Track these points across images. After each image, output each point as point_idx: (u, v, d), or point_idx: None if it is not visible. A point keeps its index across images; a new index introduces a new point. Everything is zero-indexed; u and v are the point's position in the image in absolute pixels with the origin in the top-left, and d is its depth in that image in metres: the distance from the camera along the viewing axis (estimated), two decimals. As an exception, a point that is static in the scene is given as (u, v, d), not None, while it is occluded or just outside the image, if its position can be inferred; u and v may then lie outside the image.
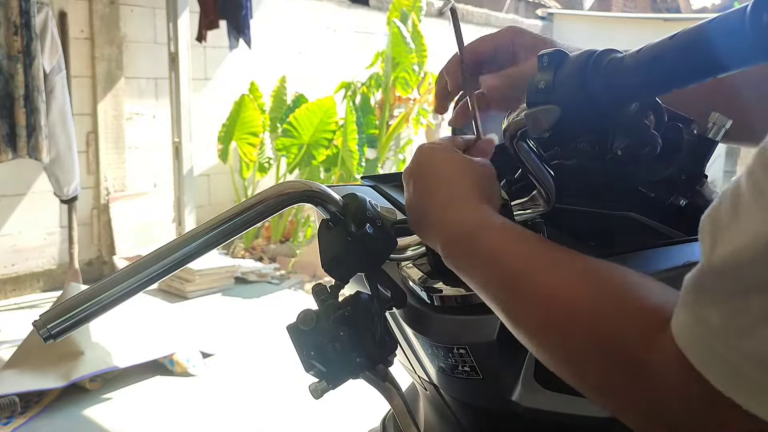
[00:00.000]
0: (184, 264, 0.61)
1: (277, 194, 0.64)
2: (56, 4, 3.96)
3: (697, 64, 0.48)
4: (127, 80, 4.43)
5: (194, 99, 4.60)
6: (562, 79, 0.56)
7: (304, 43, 5.55)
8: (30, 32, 2.99)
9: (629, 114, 0.57)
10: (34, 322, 0.58)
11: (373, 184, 0.85)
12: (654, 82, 0.51)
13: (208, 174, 5.08)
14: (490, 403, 0.67)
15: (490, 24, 7.89)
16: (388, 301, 0.67)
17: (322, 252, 0.66)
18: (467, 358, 0.65)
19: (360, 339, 0.65)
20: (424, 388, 0.77)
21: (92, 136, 4.28)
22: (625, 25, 8.37)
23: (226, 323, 3.66)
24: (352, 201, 0.65)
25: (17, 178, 3.92)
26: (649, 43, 0.52)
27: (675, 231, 0.75)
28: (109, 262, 4.34)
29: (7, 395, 2.56)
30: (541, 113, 0.57)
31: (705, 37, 0.47)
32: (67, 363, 2.69)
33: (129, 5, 4.40)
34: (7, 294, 4.01)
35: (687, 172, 0.63)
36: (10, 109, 2.98)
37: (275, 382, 2.91)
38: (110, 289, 0.59)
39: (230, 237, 0.63)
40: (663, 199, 0.63)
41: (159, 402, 2.76)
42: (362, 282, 0.67)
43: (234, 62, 4.94)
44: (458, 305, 0.66)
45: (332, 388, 0.66)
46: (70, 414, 2.62)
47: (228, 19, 4.35)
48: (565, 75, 0.56)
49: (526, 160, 0.62)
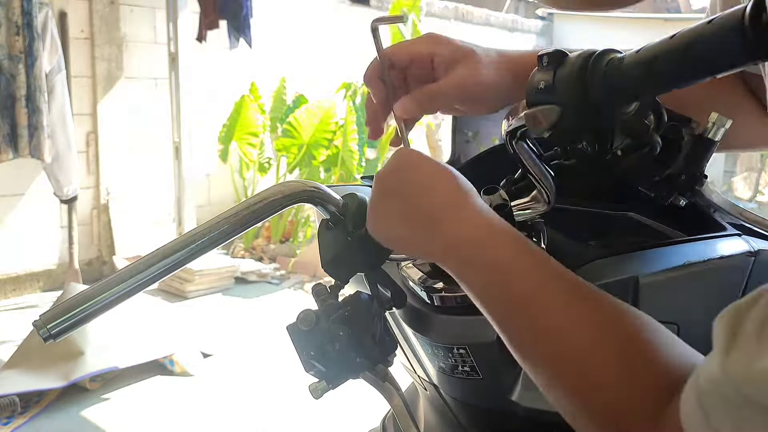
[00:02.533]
0: (184, 264, 0.61)
1: (277, 194, 0.64)
2: (56, 4, 3.96)
3: (697, 64, 0.48)
4: (127, 80, 4.43)
5: (194, 99, 4.60)
6: (561, 79, 0.56)
7: (304, 43, 5.54)
8: (32, 32, 2.99)
9: (629, 114, 0.57)
10: (34, 322, 0.58)
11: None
12: (654, 82, 0.51)
13: (208, 174, 5.08)
14: (490, 403, 0.67)
15: (490, 24, 7.89)
16: (388, 301, 0.67)
17: (322, 252, 0.66)
18: (467, 358, 0.65)
19: (360, 339, 0.65)
20: (424, 388, 0.77)
21: (92, 136, 4.28)
22: (625, 25, 8.37)
23: (226, 323, 3.66)
24: (352, 201, 0.65)
25: (17, 178, 3.91)
26: (649, 43, 0.52)
27: (675, 231, 0.75)
28: (109, 262, 4.34)
29: (7, 395, 2.56)
30: (541, 113, 0.57)
31: (704, 37, 0.47)
32: (67, 363, 2.69)
33: (129, 5, 4.40)
34: (7, 294, 4.01)
35: (687, 172, 0.63)
36: (11, 109, 2.99)
37: (275, 382, 2.91)
38: (110, 289, 0.59)
39: (230, 237, 0.63)
40: (663, 199, 0.63)
41: (159, 402, 2.76)
42: (362, 282, 0.67)
43: (234, 62, 4.94)
44: (458, 305, 0.66)
45: (332, 388, 0.66)
46: (70, 414, 2.62)
47: (228, 19, 4.35)
48: (565, 75, 0.56)
49: (526, 160, 0.62)
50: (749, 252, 0.65)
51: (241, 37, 4.36)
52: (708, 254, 0.64)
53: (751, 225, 0.72)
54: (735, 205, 0.76)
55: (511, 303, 0.50)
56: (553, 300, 0.49)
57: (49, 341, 0.58)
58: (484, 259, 0.52)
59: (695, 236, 0.68)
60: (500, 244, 0.52)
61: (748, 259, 0.65)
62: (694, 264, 0.63)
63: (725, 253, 0.65)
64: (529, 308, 0.49)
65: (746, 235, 0.69)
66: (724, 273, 0.64)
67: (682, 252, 0.65)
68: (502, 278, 0.51)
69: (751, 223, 0.72)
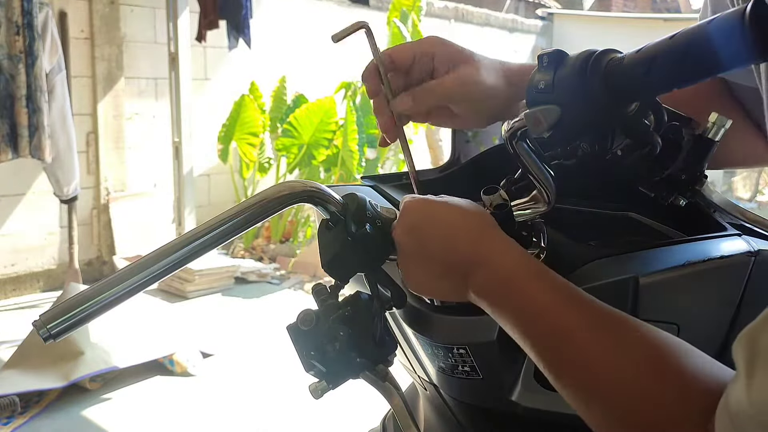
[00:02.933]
0: (184, 264, 0.61)
1: (277, 194, 0.64)
2: (56, 4, 3.96)
3: (697, 64, 0.48)
4: (127, 80, 4.43)
5: (194, 99, 4.60)
6: (561, 79, 0.56)
7: (304, 43, 5.54)
8: (32, 32, 2.99)
9: (629, 114, 0.57)
10: (34, 322, 0.58)
11: (373, 184, 0.85)
12: (654, 82, 0.51)
13: (208, 174, 5.08)
14: (490, 403, 0.67)
15: (490, 24, 7.89)
16: (388, 301, 0.67)
17: (322, 252, 0.66)
18: (467, 358, 0.65)
19: (360, 339, 0.65)
20: (424, 388, 0.77)
21: (92, 136, 4.28)
22: (625, 25, 8.37)
23: (226, 323, 3.66)
24: (352, 201, 0.65)
25: (17, 178, 3.91)
26: (649, 43, 0.52)
27: (675, 231, 0.75)
28: (109, 262, 4.34)
29: (7, 395, 2.56)
30: (541, 113, 0.57)
31: (704, 36, 0.47)
32: (67, 363, 2.69)
33: (129, 5, 4.40)
34: (7, 294, 4.01)
35: (687, 172, 0.63)
36: (11, 109, 2.98)
37: (275, 382, 2.91)
38: (110, 289, 0.59)
39: (230, 237, 0.62)
40: (663, 199, 0.63)
41: (159, 402, 2.76)
42: (362, 282, 0.67)
43: (234, 62, 4.94)
44: (458, 305, 0.66)
45: (332, 388, 0.66)
46: (70, 414, 2.62)
47: (228, 19, 4.34)
48: (565, 75, 0.56)
49: (526, 160, 0.62)
50: (749, 252, 0.65)
51: (240, 37, 4.36)
52: (708, 254, 0.64)
53: (751, 225, 0.72)
54: (735, 205, 0.76)
55: (544, 340, 0.51)
56: (586, 333, 0.49)
57: (49, 341, 0.58)
58: (512, 304, 0.54)
59: (695, 236, 0.68)
60: (527, 286, 0.54)
61: (748, 259, 0.65)
62: (694, 264, 0.62)
63: (725, 253, 0.65)
64: (563, 344, 0.50)
65: (746, 235, 0.69)
66: (724, 273, 0.64)
67: (682, 252, 0.65)
68: (532, 319, 0.52)
69: (751, 223, 0.72)
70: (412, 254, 0.61)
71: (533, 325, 0.52)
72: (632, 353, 0.47)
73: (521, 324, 0.53)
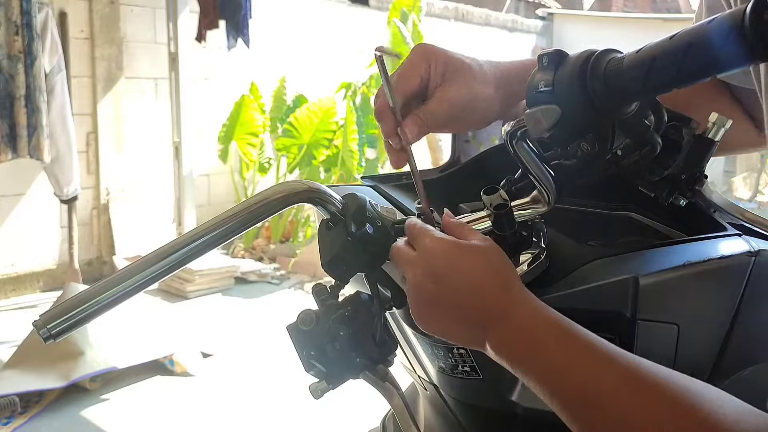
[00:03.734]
0: (184, 264, 0.61)
1: (277, 194, 0.64)
2: (56, 4, 3.96)
3: (696, 63, 0.48)
4: (127, 80, 4.43)
5: (194, 99, 4.60)
6: (561, 79, 0.56)
7: (304, 43, 5.54)
8: (31, 32, 2.99)
9: (629, 114, 0.57)
10: (34, 322, 0.58)
11: (373, 184, 0.85)
12: (654, 82, 0.51)
13: (208, 174, 5.08)
14: (490, 403, 0.67)
15: (490, 24, 7.89)
16: (388, 301, 0.67)
17: (322, 252, 0.66)
18: (467, 358, 0.65)
19: (360, 339, 0.65)
20: (424, 388, 0.77)
21: (92, 136, 4.28)
22: (625, 25, 8.37)
23: (226, 323, 3.66)
24: (352, 201, 0.65)
25: (17, 178, 3.91)
26: (649, 43, 0.52)
27: (675, 231, 0.75)
28: (109, 262, 4.34)
29: (7, 395, 2.56)
30: (541, 113, 0.57)
31: (704, 37, 0.47)
32: (67, 363, 2.69)
33: (129, 5, 4.40)
34: (7, 294, 4.01)
35: (687, 172, 0.63)
36: (10, 109, 2.98)
37: (275, 382, 2.91)
38: (110, 289, 0.59)
39: (230, 237, 0.63)
40: (663, 199, 0.63)
41: (159, 402, 2.76)
42: (362, 282, 0.67)
43: (234, 62, 4.94)
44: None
45: (332, 388, 0.66)
46: (70, 414, 2.62)
47: (227, 19, 4.34)
48: (565, 75, 0.56)
49: (526, 160, 0.62)
50: (749, 252, 0.65)
51: (240, 37, 4.36)
52: (708, 254, 0.64)
53: (751, 225, 0.72)
54: (735, 205, 0.76)
55: (574, 402, 0.51)
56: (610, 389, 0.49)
57: (49, 341, 0.58)
58: (535, 363, 0.53)
59: (695, 236, 0.68)
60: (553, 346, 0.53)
61: (748, 259, 0.65)
62: (694, 264, 0.62)
63: (725, 253, 0.65)
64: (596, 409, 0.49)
65: (746, 235, 0.69)
66: (724, 273, 0.64)
67: (682, 252, 0.65)
68: (559, 381, 0.52)
69: (751, 223, 0.72)
70: (430, 300, 0.58)
71: (561, 386, 0.51)
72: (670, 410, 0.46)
73: (548, 384, 0.52)
